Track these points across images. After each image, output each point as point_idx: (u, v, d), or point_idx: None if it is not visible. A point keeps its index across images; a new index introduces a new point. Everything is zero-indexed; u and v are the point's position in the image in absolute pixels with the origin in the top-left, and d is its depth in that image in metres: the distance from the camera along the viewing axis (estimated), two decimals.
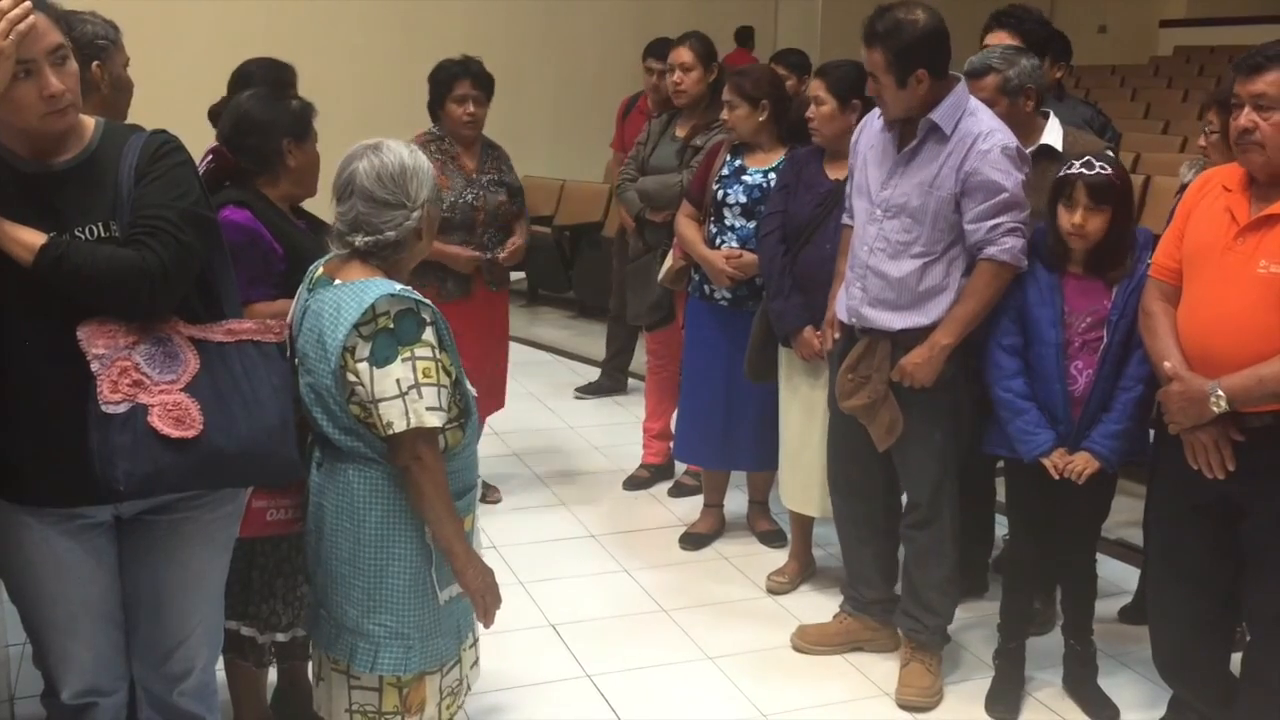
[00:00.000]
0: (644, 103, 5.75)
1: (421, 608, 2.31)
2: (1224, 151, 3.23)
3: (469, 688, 2.57)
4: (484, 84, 4.37)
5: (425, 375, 2.20)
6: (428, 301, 2.28)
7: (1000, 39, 3.90)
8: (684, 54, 4.70)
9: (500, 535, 4.40)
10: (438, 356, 2.24)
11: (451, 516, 2.26)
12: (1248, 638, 2.91)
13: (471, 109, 4.31)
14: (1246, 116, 2.58)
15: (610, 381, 6.41)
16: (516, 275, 9.69)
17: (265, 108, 2.80)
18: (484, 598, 2.33)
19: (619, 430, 5.75)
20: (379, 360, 2.19)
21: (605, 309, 6.52)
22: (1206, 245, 2.71)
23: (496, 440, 5.34)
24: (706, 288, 4.18)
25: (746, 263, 3.99)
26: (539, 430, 5.82)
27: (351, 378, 2.22)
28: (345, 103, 3.78)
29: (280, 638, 2.75)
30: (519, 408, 6.05)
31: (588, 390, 6.40)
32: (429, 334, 2.24)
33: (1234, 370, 2.59)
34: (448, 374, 2.27)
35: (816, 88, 3.74)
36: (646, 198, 4.72)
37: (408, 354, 2.20)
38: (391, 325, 2.20)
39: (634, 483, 5.03)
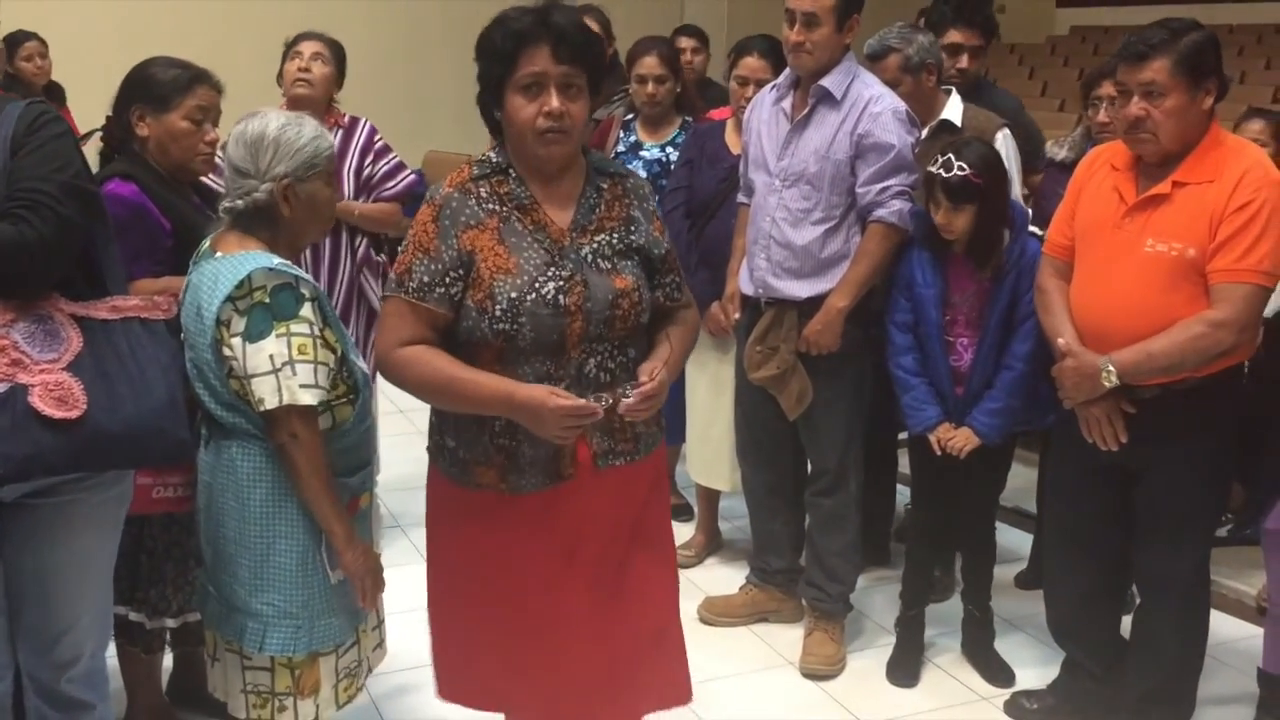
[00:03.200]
0: None
1: (309, 587, 2.28)
2: None
3: (370, 669, 2.54)
4: (577, 49, 2.11)
5: (301, 352, 2.17)
6: (308, 276, 2.23)
7: (968, 38, 3.93)
8: (589, 26, 4.65)
9: (404, 512, 4.34)
10: (317, 333, 2.21)
11: (329, 496, 2.23)
12: (1137, 600, 3.01)
13: (555, 104, 2.08)
14: (1137, 106, 2.61)
15: None
16: None
17: (133, 75, 2.71)
18: (364, 580, 2.31)
19: None
20: (252, 335, 2.16)
21: None
22: (1096, 223, 2.77)
23: (402, 418, 5.27)
24: None
25: None
26: None
27: (227, 352, 2.18)
28: (243, 82, 3.57)
29: (170, 623, 2.69)
30: None
31: None
32: (307, 310, 2.20)
33: (1125, 345, 2.65)
34: (331, 350, 2.24)
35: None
36: None
37: (283, 329, 2.17)
38: (267, 300, 2.17)
39: None
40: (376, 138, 3.94)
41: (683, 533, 4.24)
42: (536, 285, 2.09)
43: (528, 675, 2.24)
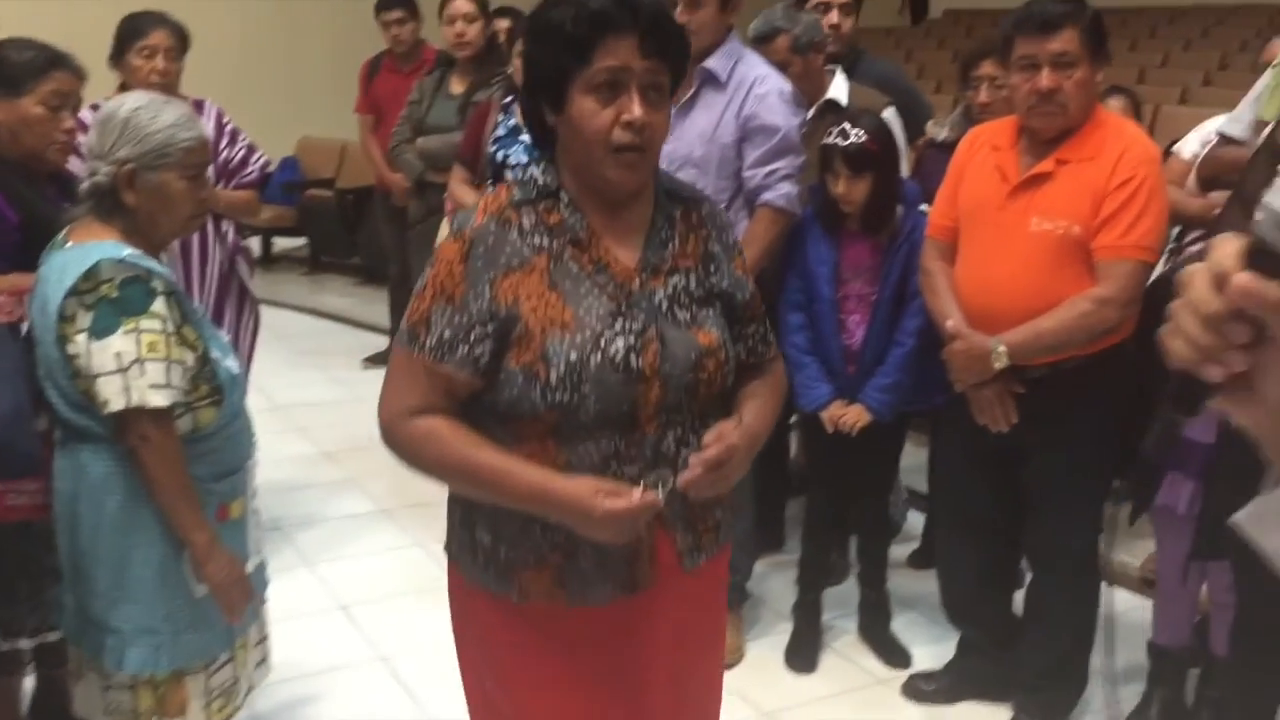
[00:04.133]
0: (391, 60, 5.55)
1: (170, 600, 2.14)
2: (1011, 106, 3.30)
3: (252, 687, 2.40)
4: (667, 41, 1.64)
5: (151, 349, 2.03)
6: (162, 269, 2.08)
7: None
8: (465, 5, 4.54)
9: (285, 515, 4.19)
10: (173, 330, 2.07)
11: (188, 503, 2.10)
12: (1029, 576, 3.03)
13: (637, 111, 1.60)
14: (1050, 77, 2.57)
15: None
16: (295, 241, 9.35)
17: None
18: (228, 593, 2.17)
19: None
20: (98, 331, 2.02)
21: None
22: (980, 204, 2.76)
23: (279, 415, 5.09)
24: None
25: None
26: (325, 403, 5.57)
27: (71, 349, 2.03)
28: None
29: (25, 644, 2.51)
30: (303, 379, 5.82)
31: (377, 359, 6.17)
32: (160, 304, 2.06)
33: (1013, 326, 2.65)
34: (190, 349, 2.10)
35: None
36: (429, 158, 4.56)
37: (131, 325, 2.02)
38: (115, 294, 2.02)
39: None
40: (225, 120, 3.77)
41: None
42: (602, 343, 1.63)
43: None
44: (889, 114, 3.59)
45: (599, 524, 1.58)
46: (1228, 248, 0.80)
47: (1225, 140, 2.97)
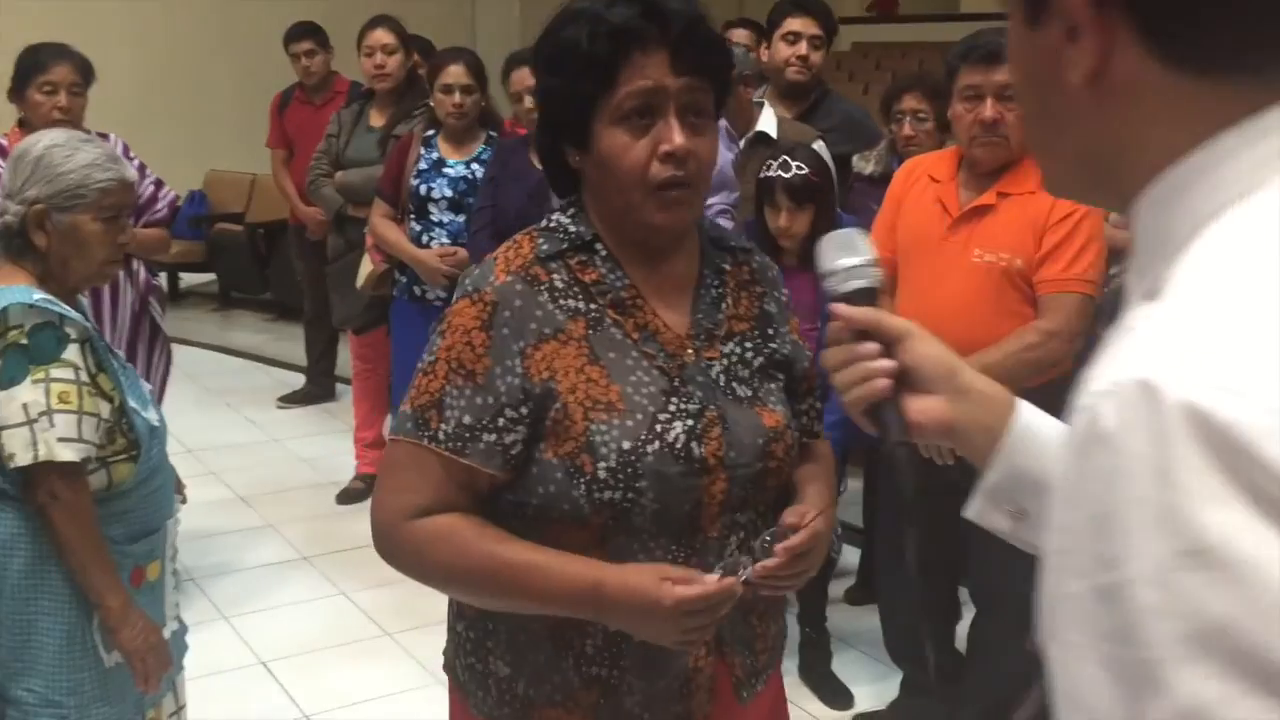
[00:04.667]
0: (302, 93, 5.44)
1: (78, 670, 2.00)
2: (936, 139, 3.30)
3: None
4: (704, 52, 1.39)
5: (62, 400, 1.92)
6: (76, 315, 1.97)
7: (806, 25, 3.85)
8: (385, 36, 4.44)
9: (199, 564, 4.00)
10: (86, 379, 1.96)
11: (100, 565, 1.97)
12: (968, 609, 3.00)
13: (679, 140, 1.35)
14: (994, 108, 2.56)
15: (316, 388, 6.03)
16: (203, 276, 9.09)
17: None
18: (143, 660, 2.03)
19: (329, 440, 5.39)
20: (4, 381, 1.91)
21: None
22: (921, 236, 2.74)
23: (190, 458, 4.88)
24: (416, 288, 3.94)
25: (462, 259, 3.79)
26: (238, 445, 5.38)
27: None
28: None
29: None
30: (215, 421, 5.62)
31: (292, 399, 6.00)
32: (72, 352, 1.95)
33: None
34: (106, 399, 1.98)
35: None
36: (350, 192, 4.44)
37: (40, 374, 1.91)
38: (24, 341, 1.92)
39: (348, 496, 4.71)
40: (131, 155, 3.63)
41: None
42: (658, 428, 1.36)
43: None
44: (818, 146, 3.57)
45: (668, 618, 1.29)
46: (835, 309, 1.13)
47: None
